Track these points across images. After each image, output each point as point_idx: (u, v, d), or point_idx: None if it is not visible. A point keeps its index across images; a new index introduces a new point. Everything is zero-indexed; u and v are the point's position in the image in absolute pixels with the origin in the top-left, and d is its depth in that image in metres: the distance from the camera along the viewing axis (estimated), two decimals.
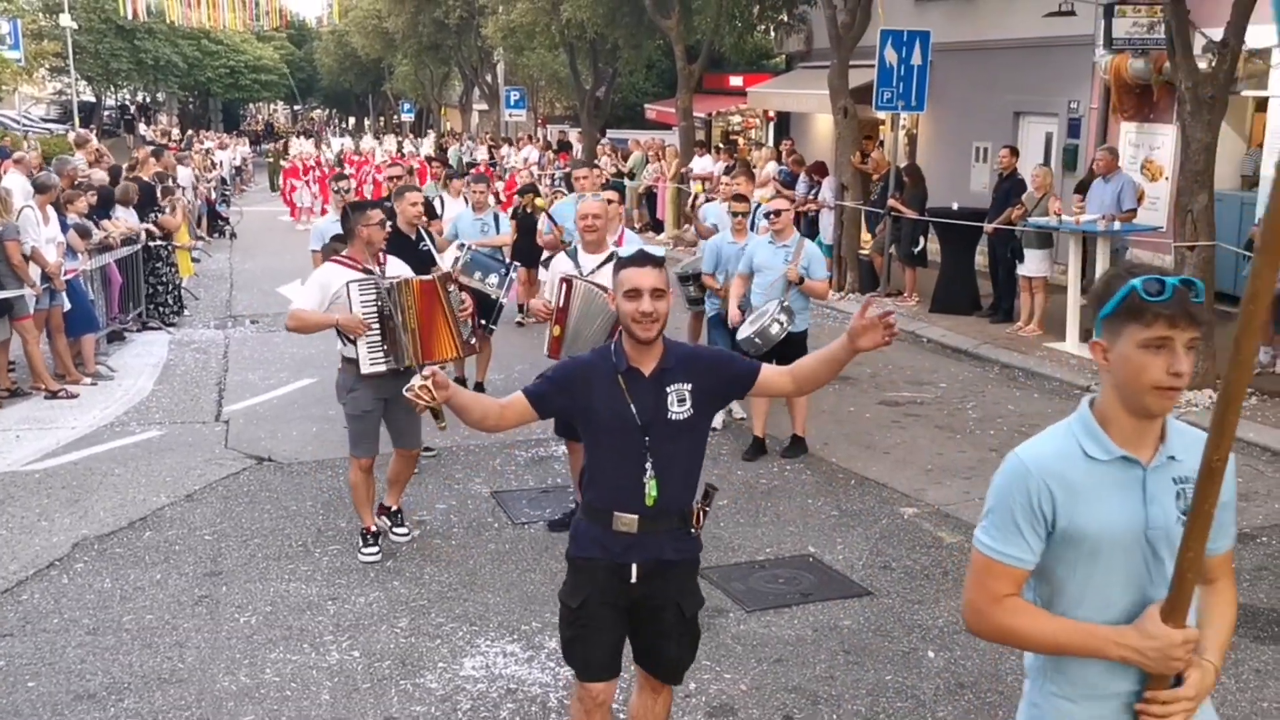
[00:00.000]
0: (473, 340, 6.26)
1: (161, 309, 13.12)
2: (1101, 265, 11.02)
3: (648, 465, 3.39)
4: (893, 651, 5.15)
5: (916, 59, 13.47)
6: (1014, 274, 12.23)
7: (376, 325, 5.81)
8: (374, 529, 6.24)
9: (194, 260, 16.74)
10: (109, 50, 45.16)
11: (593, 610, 3.52)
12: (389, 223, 6.59)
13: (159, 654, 5.12)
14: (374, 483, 6.25)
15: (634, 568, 3.47)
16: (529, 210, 12.73)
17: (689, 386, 3.43)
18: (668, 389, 3.42)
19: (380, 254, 6.11)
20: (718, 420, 8.38)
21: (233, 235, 22.03)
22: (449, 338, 6.04)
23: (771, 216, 7.94)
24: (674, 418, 3.42)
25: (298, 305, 5.92)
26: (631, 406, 3.39)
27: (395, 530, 6.47)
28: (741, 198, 9.06)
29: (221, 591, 5.79)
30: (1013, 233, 11.94)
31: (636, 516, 3.43)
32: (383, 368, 5.82)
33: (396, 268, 6.20)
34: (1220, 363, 9.68)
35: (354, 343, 5.87)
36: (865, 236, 14.86)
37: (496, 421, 3.48)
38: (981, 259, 13.61)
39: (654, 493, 3.39)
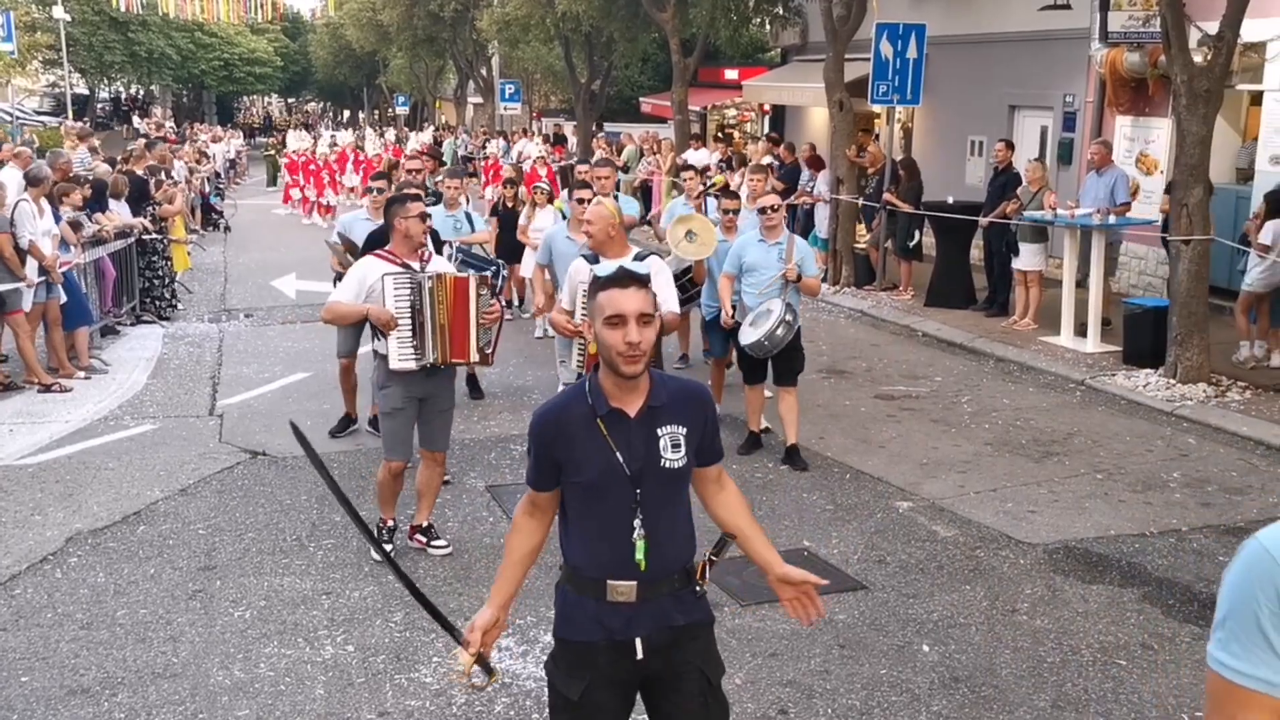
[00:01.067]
0: (490, 350, 6.04)
1: (156, 303, 13.08)
2: (1096, 259, 11.03)
3: (636, 523, 2.92)
4: (887, 645, 5.15)
5: (912, 52, 13.46)
6: (1009, 268, 12.23)
7: (408, 320, 5.73)
8: (391, 523, 6.19)
9: (189, 254, 16.70)
10: (102, 42, 45.06)
11: (597, 699, 2.99)
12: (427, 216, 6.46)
13: (153, 648, 5.11)
14: (401, 486, 6.17)
15: (639, 643, 2.96)
16: (510, 205, 12.66)
17: (684, 430, 2.98)
18: (659, 431, 2.96)
19: (423, 249, 6.00)
20: None
21: (227, 229, 21.98)
22: (471, 341, 5.89)
23: (769, 212, 7.68)
24: (668, 465, 2.95)
25: (335, 297, 6.00)
26: (618, 455, 2.91)
27: (434, 545, 6.24)
28: (732, 194, 8.85)
29: (216, 586, 5.78)
30: (1008, 226, 11.94)
31: (634, 583, 2.94)
32: (412, 364, 5.76)
33: (439, 265, 6.13)
34: (1214, 356, 9.70)
35: (385, 337, 5.80)
36: (861, 230, 14.86)
37: (542, 540, 3.16)
38: (977, 253, 13.61)
39: (642, 555, 2.93)
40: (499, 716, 4.57)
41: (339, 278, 7.93)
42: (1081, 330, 11.13)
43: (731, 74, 27.66)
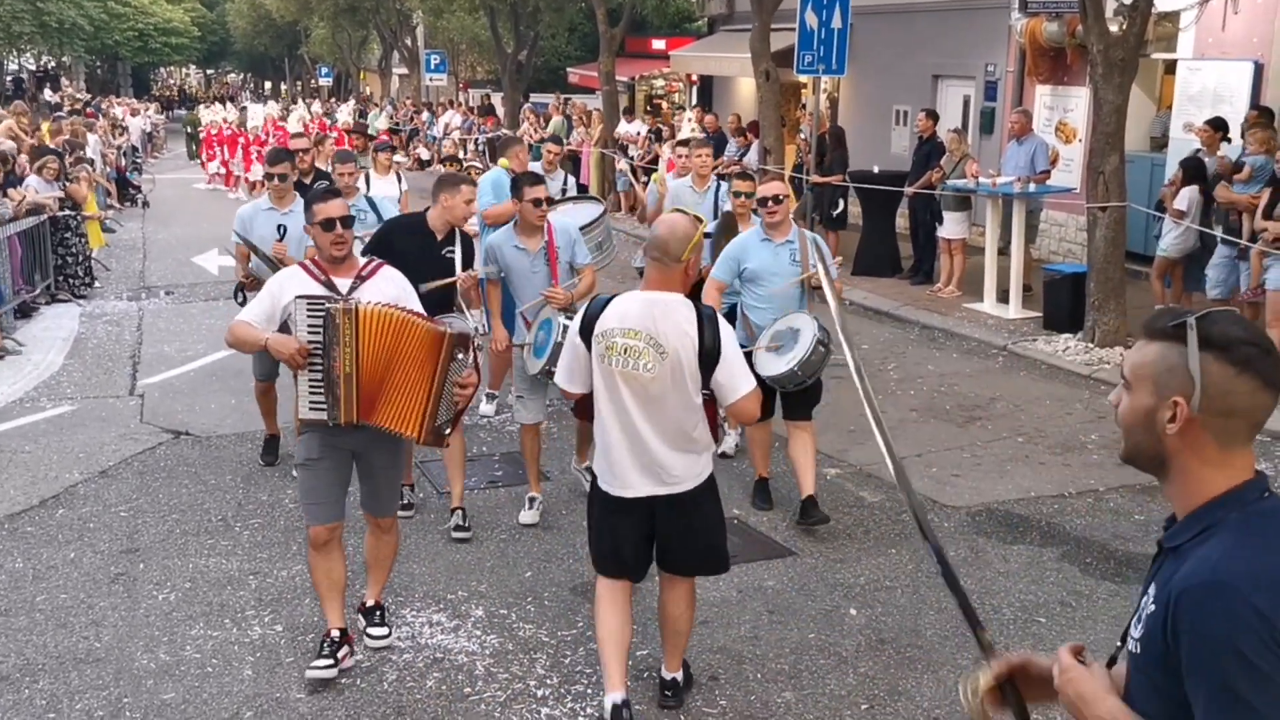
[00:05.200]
0: (446, 432, 4.55)
1: (71, 280, 12.75)
2: (1017, 226, 11.23)
3: None
4: (815, 610, 5.23)
5: (837, 22, 13.49)
6: (934, 236, 12.40)
7: (319, 359, 4.37)
8: (336, 633, 4.66)
9: (105, 230, 16.29)
10: (10, 12, 43.48)
11: None
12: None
13: (74, 634, 5.01)
14: (340, 563, 4.73)
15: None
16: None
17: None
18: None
19: (369, 264, 4.68)
20: (730, 444, 7.29)
21: (145, 204, 21.44)
22: (417, 410, 4.40)
23: (770, 204, 6.14)
24: None
25: (241, 316, 4.60)
26: None
27: (370, 632, 4.90)
28: (747, 175, 7.51)
29: (139, 569, 5.68)
30: (932, 195, 12.09)
31: None
32: (323, 415, 4.40)
33: (379, 286, 4.58)
34: (1132, 321, 9.94)
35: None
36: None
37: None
38: (902, 221, 13.77)
39: None
40: (430, 692, 4.56)
41: (240, 290, 6.93)
42: (1004, 297, 11.34)
43: (659, 44, 27.57)
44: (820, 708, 4.45)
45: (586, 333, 4.02)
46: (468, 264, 6.04)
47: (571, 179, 9.54)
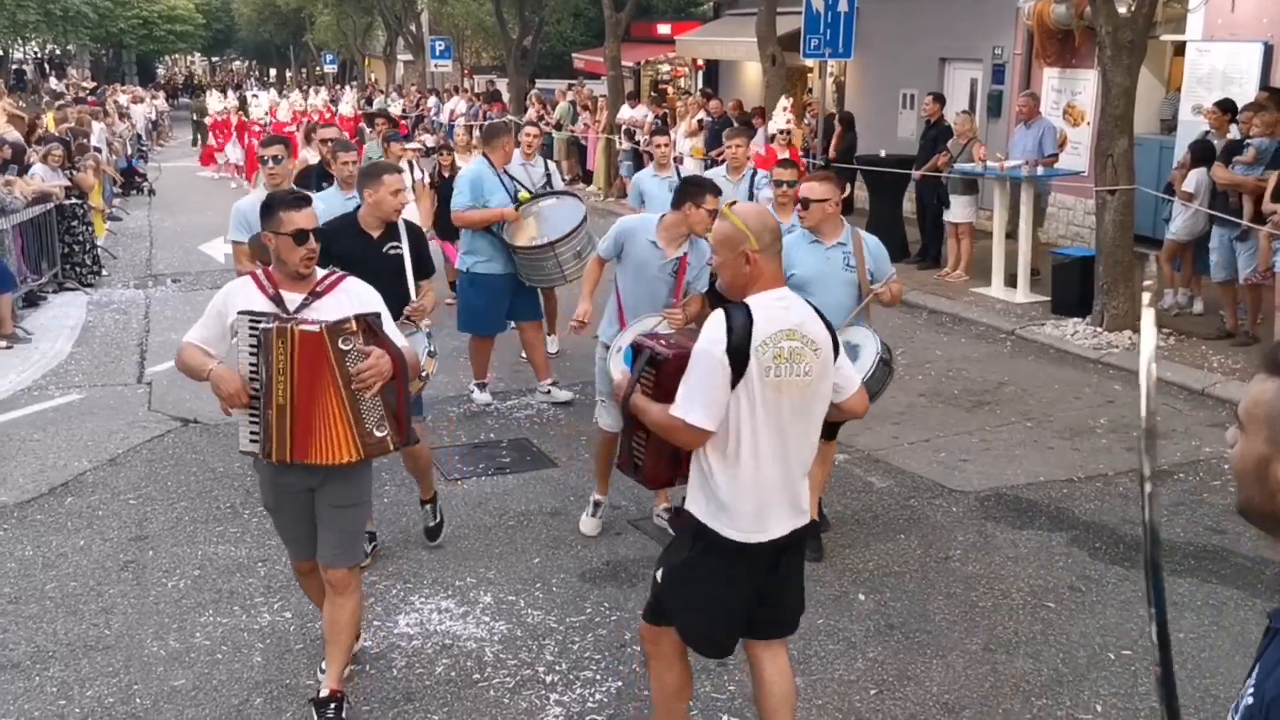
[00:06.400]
0: (381, 433, 3.86)
1: (78, 269, 12.76)
2: (1026, 210, 11.18)
3: None
4: (824, 595, 5.23)
5: (843, 6, 13.43)
6: (941, 220, 12.36)
7: (257, 388, 3.88)
8: (329, 695, 4.18)
9: (110, 219, 16.30)
10: (15, 0, 43.44)
11: None
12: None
13: (84, 621, 5.03)
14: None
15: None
16: (448, 175, 10.84)
17: None
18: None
19: (328, 278, 4.08)
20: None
21: (151, 192, 21.45)
22: (341, 427, 3.81)
23: (810, 205, 5.42)
24: None
25: (188, 337, 4.07)
26: None
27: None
28: (789, 163, 6.98)
29: (148, 556, 5.69)
30: (939, 179, 12.04)
31: None
32: (259, 450, 3.94)
33: (335, 303, 3.99)
34: (1139, 304, 9.88)
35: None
36: None
37: None
38: (909, 206, 13.72)
39: None
40: (439, 678, 4.57)
41: None
42: (1011, 281, 11.30)
43: (664, 29, 27.45)
44: (829, 693, 4.45)
45: (740, 350, 3.26)
46: (421, 259, 5.49)
47: (553, 165, 8.97)
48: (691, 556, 3.49)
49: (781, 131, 11.90)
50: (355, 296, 4.03)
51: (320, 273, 4.07)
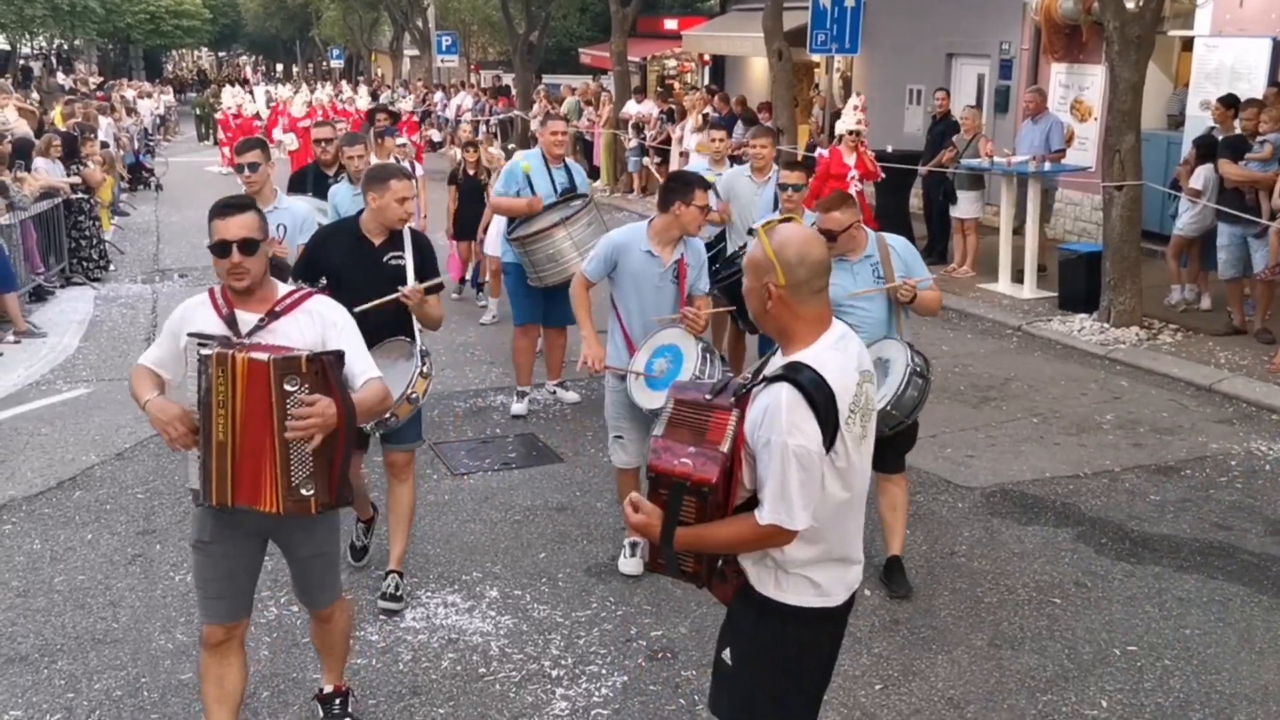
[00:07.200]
0: (307, 492, 3.33)
1: (85, 264, 12.79)
2: (1032, 206, 11.16)
3: None
4: None
5: (850, 0, 13.42)
6: (947, 216, 12.34)
7: (200, 420, 3.39)
8: (333, 691, 4.14)
9: (117, 214, 16.33)
10: None
11: None
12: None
13: (92, 614, 5.05)
14: (237, 671, 3.75)
15: None
16: (473, 172, 10.58)
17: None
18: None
19: (292, 295, 3.61)
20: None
21: (158, 187, 21.49)
22: (268, 473, 3.32)
23: (836, 238, 5.00)
24: None
25: (142, 359, 3.67)
26: None
27: None
28: (798, 164, 6.75)
29: (155, 550, 5.71)
30: (946, 175, 12.03)
31: None
32: (199, 489, 3.46)
33: (301, 326, 3.54)
34: (1146, 301, 9.88)
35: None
36: None
37: None
38: (916, 201, 13.70)
39: None
40: (445, 673, 4.58)
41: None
42: (1018, 276, 11.28)
43: (671, 24, 27.44)
44: (835, 688, 4.45)
45: (832, 429, 2.74)
46: (426, 271, 4.98)
47: (576, 166, 8.06)
48: (778, 636, 2.94)
49: (851, 132, 10.97)
50: (319, 319, 3.56)
51: (283, 289, 3.62)
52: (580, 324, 5.40)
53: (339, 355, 3.42)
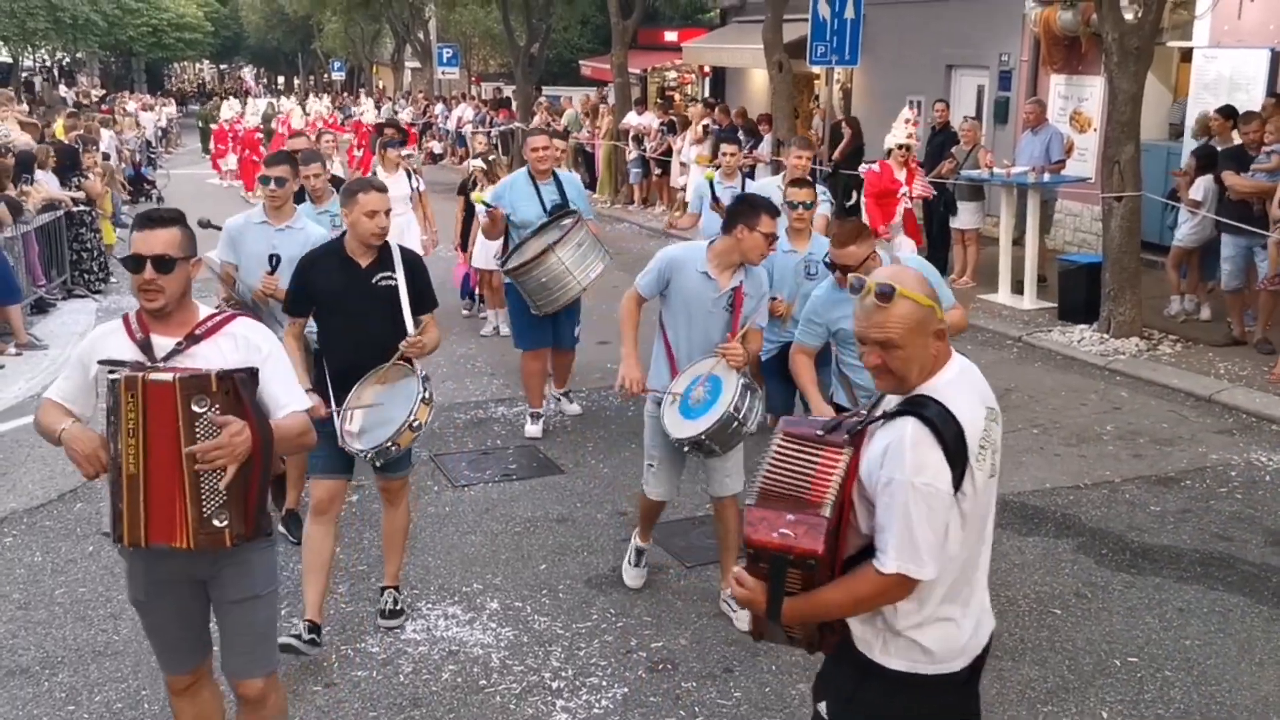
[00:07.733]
0: (220, 524, 3.06)
1: (86, 276, 12.82)
2: (1032, 217, 11.18)
3: None
4: None
5: (849, 12, 13.46)
6: (947, 227, 12.36)
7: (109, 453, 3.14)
8: None
9: (119, 225, 16.35)
10: (25, 8, 43.63)
11: None
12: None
13: (93, 626, 5.05)
14: (211, 705, 3.65)
15: None
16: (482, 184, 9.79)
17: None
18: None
19: (214, 318, 3.31)
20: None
21: (160, 199, 21.53)
22: (178, 504, 3.05)
23: (853, 270, 4.54)
24: None
25: (48, 393, 3.44)
26: None
27: None
28: (804, 181, 6.39)
29: None
30: (945, 186, 12.05)
31: None
32: (111, 531, 3.19)
33: (223, 350, 3.25)
34: (1146, 311, 9.89)
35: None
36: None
37: None
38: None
39: None
40: (446, 684, 4.58)
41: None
42: (1018, 287, 11.30)
43: (671, 36, 27.54)
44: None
45: (962, 467, 2.51)
46: (420, 293, 4.75)
47: (570, 179, 7.77)
48: (870, 697, 2.66)
49: (900, 146, 10.19)
50: (244, 343, 3.26)
51: (205, 311, 3.34)
52: (624, 340, 5.08)
53: (252, 373, 3.16)
